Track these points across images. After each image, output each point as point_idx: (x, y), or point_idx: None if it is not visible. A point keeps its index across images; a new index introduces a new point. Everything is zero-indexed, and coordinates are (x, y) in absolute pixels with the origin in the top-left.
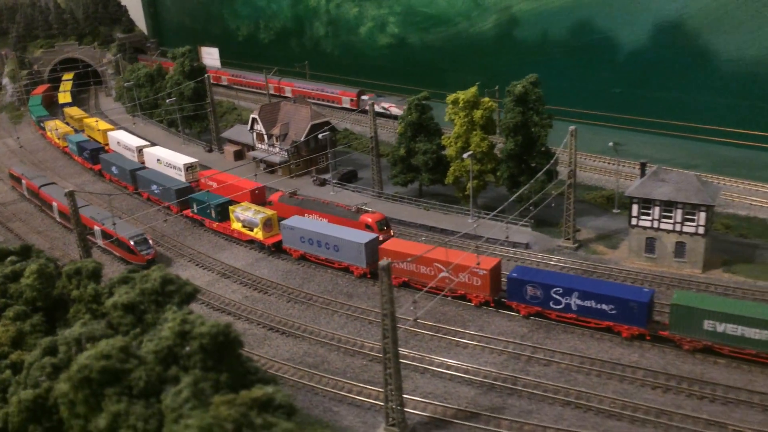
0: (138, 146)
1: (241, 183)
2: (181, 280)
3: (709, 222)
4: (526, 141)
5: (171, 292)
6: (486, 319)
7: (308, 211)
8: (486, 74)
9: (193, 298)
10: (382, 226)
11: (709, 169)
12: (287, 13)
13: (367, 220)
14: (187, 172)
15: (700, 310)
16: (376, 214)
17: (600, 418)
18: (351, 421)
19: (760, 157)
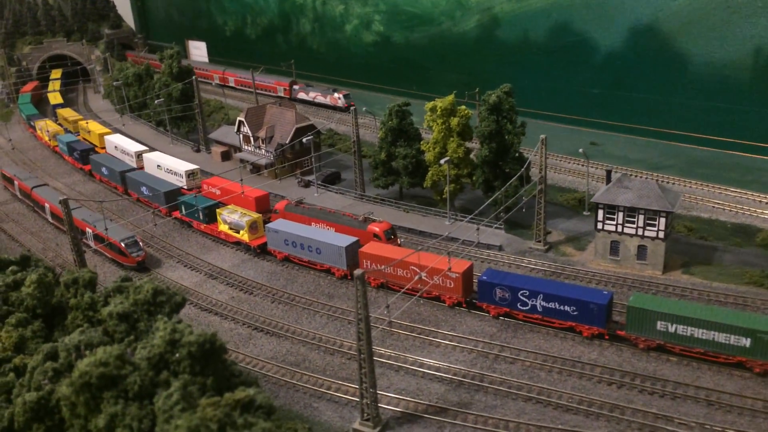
0: (137, 151)
1: (245, 191)
2: (171, 291)
3: (668, 227)
4: (500, 148)
5: (161, 303)
6: (458, 319)
7: (314, 220)
8: (469, 74)
9: (182, 307)
10: (389, 235)
11: (679, 170)
12: (274, 9)
13: (374, 229)
14: (188, 179)
15: (653, 312)
16: (384, 223)
17: (558, 413)
18: (329, 416)
19: (728, 158)
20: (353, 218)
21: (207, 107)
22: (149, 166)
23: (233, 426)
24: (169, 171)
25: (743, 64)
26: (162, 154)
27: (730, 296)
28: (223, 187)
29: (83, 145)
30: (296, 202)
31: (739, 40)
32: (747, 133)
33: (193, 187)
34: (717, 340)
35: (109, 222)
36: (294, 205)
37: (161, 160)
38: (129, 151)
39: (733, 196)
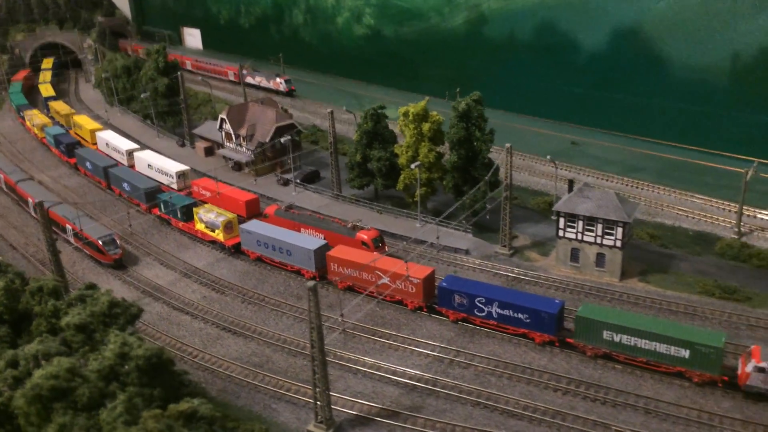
0: (128, 149)
1: (235, 193)
2: (127, 302)
3: (625, 236)
4: (469, 154)
5: (117, 314)
6: (419, 323)
7: (304, 226)
8: (456, 70)
9: (138, 318)
10: (377, 243)
11: (654, 174)
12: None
13: (363, 237)
14: (179, 180)
15: (600, 322)
16: (372, 231)
17: (503, 418)
18: (287, 417)
19: (703, 163)
20: (342, 225)
21: (194, 100)
22: (140, 164)
23: None
24: (160, 171)
25: (721, 68)
26: (153, 153)
27: (681, 305)
28: (212, 189)
29: (69, 138)
30: (286, 207)
31: (717, 44)
32: (722, 138)
33: (183, 188)
34: (658, 351)
35: (88, 219)
36: (284, 210)
37: (152, 160)
38: (120, 148)
39: (699, 203)
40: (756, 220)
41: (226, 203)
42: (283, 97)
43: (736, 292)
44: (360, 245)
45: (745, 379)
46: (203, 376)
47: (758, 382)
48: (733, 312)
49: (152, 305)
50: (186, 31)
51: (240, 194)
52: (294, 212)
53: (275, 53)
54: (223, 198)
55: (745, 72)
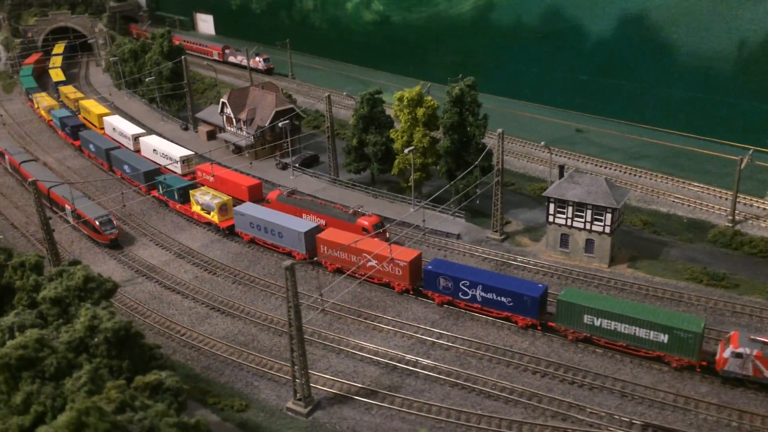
0: (134, 134)
1: (238, 178)
2: (102, 278)
3: (614, 222)
4: (462, 139)
5: (92, 289)
6: (405, 306)
7: (305, 212)
8: (463, 56)
9: (113, 294)
10: (378, 229)
11: (656, 161)
12: None
13: (363, 223)
14: (183, 165)
15: (581, 306)
16: (373, 217)
17: (480, 398)
18: (267, 394)
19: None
20: (344, 211)
21: (201, 84)
22: (145, 149)
23: (132, 408)
24: (165, 156)
25: (727, 56)
26: (159, 138)
27: (668, 291)
28: (216, 174)
29: (74, 120)
30: (288, 193)
31: (724, 32)
32: (727, 126)
33: (188, 173)
34: (638, 335)
35: (86, 200)
36: (286, 196)
37: (157, 145)
38: (126, 133)
39: (695, 191)
40: (752, 209)
41: (229, 188)
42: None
43: (725, 278)
44: (361, 231)
45: (723, 365)
46: (189, 353)
47: (735, 368)
48: (720, 299)
49: (144, 284)
50: (199, 16)
51: (243, 179)
52: (296, 198)
53: (285, 38)
54: (226, 183)
55: (751, 60)
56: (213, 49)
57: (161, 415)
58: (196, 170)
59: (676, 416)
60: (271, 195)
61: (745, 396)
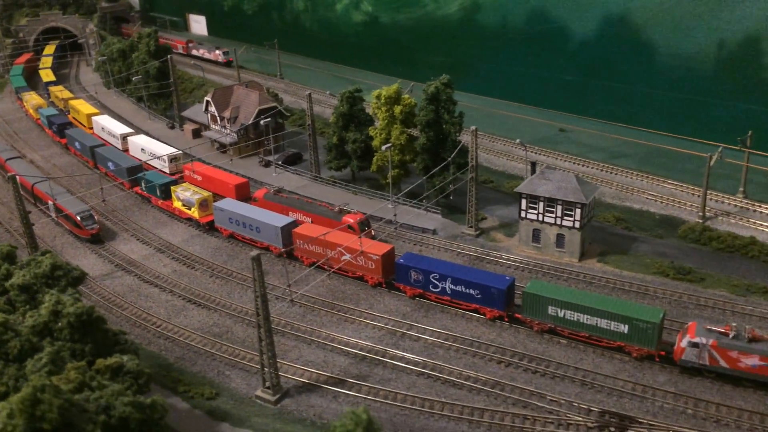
0: (122, 134)
1: (225, 177)
2: (70, 266)
3: (584, 217)
4: (438, 136)
5: (59, 276)
6: (378, 298)
7: (292, 210)
8: (450, 56)
9: (80, 282)
10: (363, 227)
11: (635, 160)
12: None
13: (348, 220)
14: (170, 164)
15: (545, 298)
16: (358, 214)
17: (445, 387)
18: (238, 383)
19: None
20: (329, 209)
21: (189, 84)
22: (133, 149)
23: (90, 388)
24: (153, 155)
25: (707, 56)
26: (146, 138)
27: (635, 285)
28: (204, 173)
29: (61, 119)
30: (275, 191)
31: (703, 32)
32: (707, 125)
33: (176, 172)
34: (599, 326)
35: (68, 196)
36: (273, 194)
37: (145, 144)
38: (115, 132)
39: (669, 189)
40: (723, 206)
41: (216, 186)
42: (267, 78)
43: (691, 272)
44: (346, 229)
45: (680, 354)
46: (163, 344)
47: (692, 357)
48: (684, 292)
49: (123, 278)
50: (192, 17)
51: (230, 178)
52: (283, 196)
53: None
54: (214, 181)
55: (729, 60)
56: (178, 43)
57: (117, 395)
58: (184, 169)
59: (633, 404)
60: (258, 193)
61: (702, 385)
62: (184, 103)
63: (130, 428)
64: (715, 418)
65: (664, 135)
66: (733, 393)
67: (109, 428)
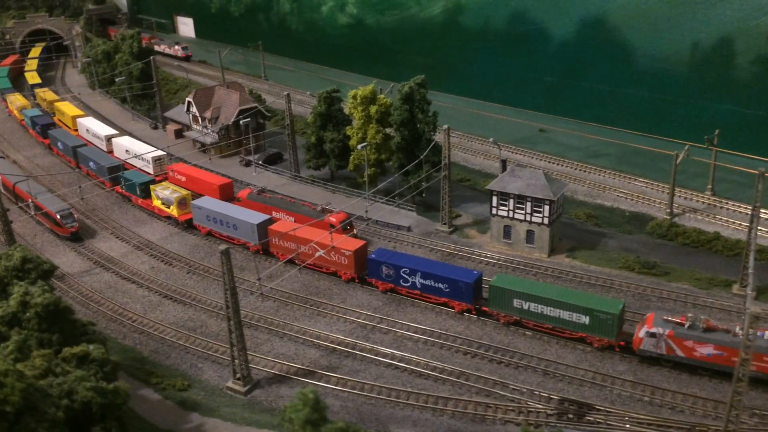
0: (107, 135)
1: (209, 177)
2: (40, 259)
3: (553, 214)
4: (413, 135)
5: (29, 269)
6: (350, 293)
7: (275, 209)
8: (434, 58)
9: (51, 275)
10: (345, 226)
11: (612, 160)
12: None
13: (331, 219)
14: (155, 164)
15: (510, 291)
16: (341, 214)
17: (411, 377)
18: (210, 375)
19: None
20: (312, 208)
21: (173, 85)
22: (118, 150)
23: (54, 374)
24: (137, 156)
25: (682, 57)
26: (131, 139)
27: (601, 278)
28: (188, 174)
29: (44, 119)
30: (258, 191)
31: (678, 34)
32: (682, 125)
33: (160, 173)
34: (562, 317)
35: (49, 195)
36: (256, 194)
37: (129, 146)
38: (99, 134)
39: (640, 187)
40: (691, 203)
41: (200, 187)
42: (252, 80)
43: (656, 267)
44: (328, 227)
45: (639, 344)
46: (138, 338)
47: (650, 347)
48: (649, 285)
49: (102, 275)
50: (179, 19)
51: (214, 178)
52: (266, 196)
53: (263, 41)
54: (198, 182)
55: (704, 61)
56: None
57: (80, 380)
58: (168, 170)
59: (592, 392)
60: (241, 193)
61: (660, 373)
62: (169, 105)
63: (92, 412)
64: (671, 405)
65: (641, 135)
66: (690, 381)
67: (72, 412)
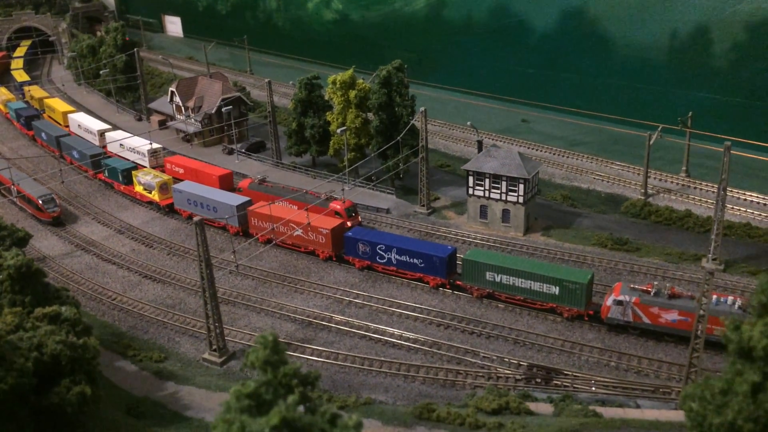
0: (99, 130)
1: (208, 168)
2: (13, 227)
3: (527, 193)
4: (390, 119)
5: (4, 237)
6: (328, 271)
7: (278, 198)
8: (418, 52)
9: (25, 243)
10: (350, 213)
11: (593, 147)
12: None
13: (336, 207)
14: (151, 157)
15: (482, 264)
16: (346, 201)
17: (385, 347)
18: (187, 348)
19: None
20: (315, 196)
21: (159, 79)
22: (111, 144)
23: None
24: (132, 150)
25: (661, 46)
26: (124, 133)
27: (574, 254)
28: (186, 166)
29: (28, 111)
30: (260, 181)
31: (657, 23)
32: (661, 112)
33: (156, 165)
34: (533, 289)
35: (31, 181)
36: (257, 184)
37: (124, 140)
38: (92, 129)
39: (616, 170)
40: (666, 184)
41: (200, 179)
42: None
43: (627, 243)
44: (333, 215)
45: (607, 312)
46: (117, 315)
47: (617, 314)
48: (620, 260)
49: (83, 257)
50: (167, 18)
51: (213, 169)
52: (268, 185)
53: (249, 38)
54: (197, 174)
55: (681, 49)
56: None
57: (49, 334)
58: (165, 162)
59: (561, 358)
60: (242, 183)
61: (627, 341)
62: (153, 97)
63: (61, 365)
64: (637, 370)
65: (621, 122)
66: (656, 348)
67: (41, 364)
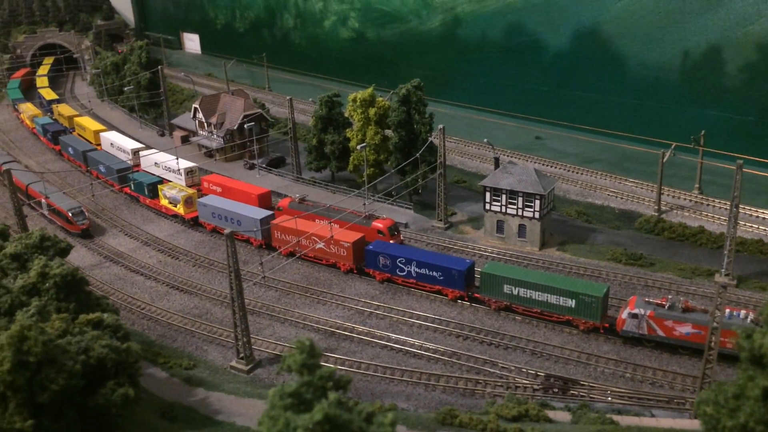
0: (133, 149)
1: (247, 188)
2: (57, 238)
3: (543, 208)
4: (409, 135)
5: (48, 247)
6: (349, 283)
7: (318, 217)
8: (433, 70)
9: (67, 253)
10: (393, 231)
11: (606, 164)
12: (260, 3)
13: (378, 226)
14: (187, 177)
15: (500, 277)
16: (387, 220)
17: (406, 357)
18: (214, 356)
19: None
20: (357, 215)
21: (180, 95)
22: (146, 163)
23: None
24: (168, 169)
25: (674, 65)
26: (160, 153)
27: (589, 269)
28: (225, 185)
29: (55, 126)
30: (300, 200)
31: (669, 43)
32: (673, 131)
33: (192, 185)
34: (550, 301)
35: (61, 195)
36: (297, 203)
37: (159, 159)
38: (125, 148)
39: (630, 186)
40: (679, 200)
41: (238, 198)
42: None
43: (642, 258)
44: (376, 234)
45: (622, 325)
46: (146, 324)
47: (632, 327)
48: (635, 275)
49: (111, 268)
50: (186, 36)
51: (252, 188)
52: (308, 204)
53: (267, 55)
54: (236, 193)
55: (694, 69)
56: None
57: (96, 339)
58: (202, 181)
59: (577, 369)
60: (282, 202)
61: (642, 353)
62: (175, 113)
63: (107, 368)
64: (651, 381)
65: (633, 139)
66: (670, 360)
67: (88, 367)
